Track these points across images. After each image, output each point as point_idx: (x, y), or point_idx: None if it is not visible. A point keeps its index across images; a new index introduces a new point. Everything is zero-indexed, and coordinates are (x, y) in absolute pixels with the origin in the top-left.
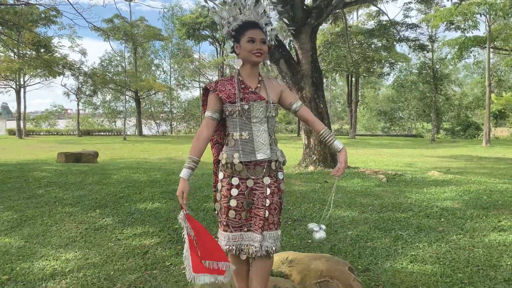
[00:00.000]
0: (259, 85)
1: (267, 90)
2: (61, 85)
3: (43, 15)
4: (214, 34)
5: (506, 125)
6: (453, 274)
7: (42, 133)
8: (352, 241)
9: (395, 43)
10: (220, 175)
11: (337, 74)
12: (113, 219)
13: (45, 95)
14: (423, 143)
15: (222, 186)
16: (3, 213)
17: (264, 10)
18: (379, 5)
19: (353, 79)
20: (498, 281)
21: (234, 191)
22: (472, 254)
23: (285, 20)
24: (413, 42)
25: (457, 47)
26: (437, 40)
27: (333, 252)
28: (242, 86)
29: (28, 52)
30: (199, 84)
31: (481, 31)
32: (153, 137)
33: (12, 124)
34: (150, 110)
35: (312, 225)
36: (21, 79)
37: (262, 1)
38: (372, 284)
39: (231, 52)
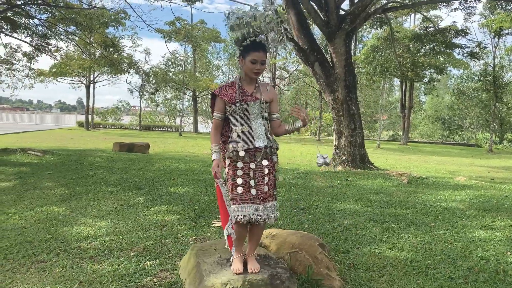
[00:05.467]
0: (255, 90)
1: (261, 93)
2: (126, 82)
3: (113, 17)
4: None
5: None
6: (423, 260)
7: (107, 126)
8: (344, 228)
9: (453, 49)
10: (227, 161)
11: (387, 79)
12: (145, 198)
13: (115, 92)
14: (479, 153)
15: (229, 169)
16: (58, 188)
17: (274, 26)
18: (423, 12)
19: (408, 84)
20: (461, 268)
21: (239, 172)
22: (450, 246)
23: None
24: (462, 49)
25: None
26: (491, 46)
27: (323, 236)
28: (241, 91)
29: (98, 52)
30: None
31: None
32: (208, 134)
33: (83, 117)
34: (208, 109)
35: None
36: (91, 76)
37: (274, 17)
38: (346, 263)
39: (238, 57)
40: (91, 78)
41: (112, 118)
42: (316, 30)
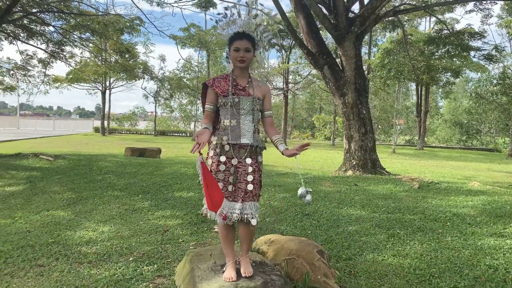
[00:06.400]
0: (248, 84)
1: (254, 89)
2: (141, 88)
3: (128, 24)
4: (281, 41)
5: None
6: (427, 268)
7: (123, 132)
8: (348, 235)
9: (468, 52)
10: (211, 153)
11: (401, 83)
12: (150, 203)
13: (132, 97)
14: (498, 158)
15: (212, 162)
16: (65, 193)
17: (260, 23)
18: (437, 15)
19: (423, 88)
20: (468, 277)
21: (222, 167)
22: (457, 254)
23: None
24: (479, 52)
25: None
26: (510, 49)
27: (326, 242)
28: (234, 83)
29: (114, 58)
30: None
31: None
32: None
33: (99, 123)
34: None
35: (302, 191)
36: (107, 82)
37: (260, 14)
38: (347, 270)
39: (226, 57)
40: (107, 84)
41: (128, 123)
42: (328, 34)
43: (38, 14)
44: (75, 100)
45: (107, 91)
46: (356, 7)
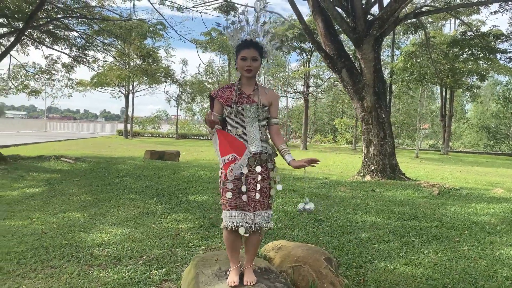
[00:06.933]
0: (253, 92)
1: (259, 96)
2: (164, 92)
3: (151, 29)
4: (302, 45)
5: None
6: (440, 278)
7: (146, 135)
8: (361, 242)
9: (494, 55)
10: (220, 165)
11: (424, 86)
12: (164, 206)
13: (156, 101)
14: None
15: (222, 173)
16: (82, 195)
17: (269, 30)
18: (462, 17)
19: (448, 91)
20: None
21: (231, 177)
22: (474, 264)
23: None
24: (505, 54)
25: None
26: None
27: (337, 249)
28: (239, 92)
29: (137, 62)
30: (286, 94)
31: None
32: None
33: (123, 126)
34: None
35: (300, 206)
36: (130, 86)
37: (269, 20)
38: (357, 278)
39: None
40: (130, 88)
41: (151, 126)
42: (347, 37)
43: (62, 20)
44: (101, 104)
45: (130, 95)
46: (375, 10)
